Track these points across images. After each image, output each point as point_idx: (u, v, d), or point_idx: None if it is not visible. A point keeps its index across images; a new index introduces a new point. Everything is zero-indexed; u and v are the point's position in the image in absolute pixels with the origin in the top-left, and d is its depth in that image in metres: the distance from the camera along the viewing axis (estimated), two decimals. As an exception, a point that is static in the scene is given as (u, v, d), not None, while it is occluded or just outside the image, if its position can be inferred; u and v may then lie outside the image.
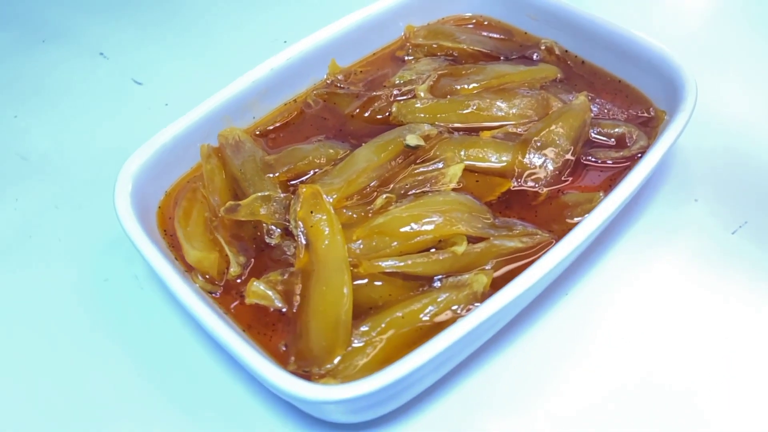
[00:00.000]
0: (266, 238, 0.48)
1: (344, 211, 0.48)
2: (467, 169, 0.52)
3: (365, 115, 0.57)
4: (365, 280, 0.45)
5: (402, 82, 0.59)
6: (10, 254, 0.55)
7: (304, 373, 0.41)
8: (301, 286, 0.45)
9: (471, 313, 0.40)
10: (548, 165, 0.52)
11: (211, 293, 0.45)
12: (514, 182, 0.52)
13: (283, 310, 0.44)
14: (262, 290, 0.44)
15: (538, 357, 0.47)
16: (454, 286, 0.45)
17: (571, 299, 0.51)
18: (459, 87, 0.58)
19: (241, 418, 0.44)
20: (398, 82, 0.59)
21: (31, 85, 0.70)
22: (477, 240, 0.47)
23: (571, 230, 0.44)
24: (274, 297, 0.44)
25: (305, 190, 0.47)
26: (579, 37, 0.61)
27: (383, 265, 0.45)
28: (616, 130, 0.55)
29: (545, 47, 0.62)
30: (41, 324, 0.50)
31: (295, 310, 0.44)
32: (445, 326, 0.39)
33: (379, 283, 0.45)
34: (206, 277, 0.45)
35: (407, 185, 0.50)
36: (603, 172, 0.53)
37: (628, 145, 0.54)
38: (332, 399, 0.36)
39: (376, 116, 0.57)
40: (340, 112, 0.58)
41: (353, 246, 0.46)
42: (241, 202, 0.48)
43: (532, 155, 0.52)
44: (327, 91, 0.59)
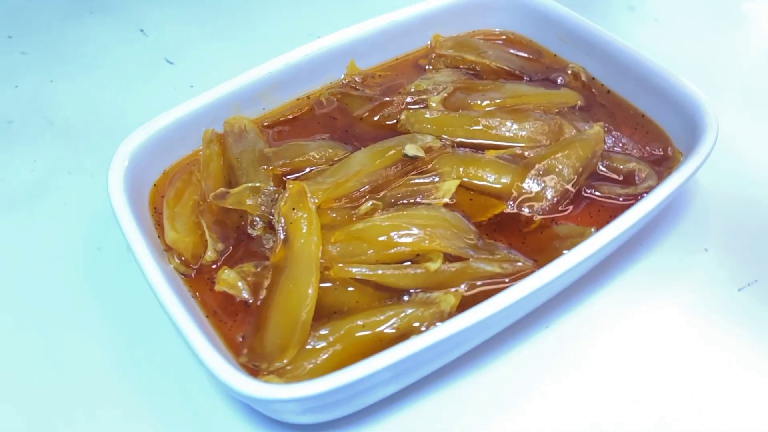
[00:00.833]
0: (249, 228, 0.48)
1: (329, 212, 0.48)
2: (463, 186, 0.51)
3: (374, 119, 0.57)
4: (336, 284, 0.45)
5: (417, 90, 0.58)
6: (16, 212, 0.57)
7: (254, 367, 0.41)
8: (270, 280, 0.45)
9: (426, 332, 0.39)
10: (547, 193, 0.50)
11: (183, 275, 0.46)
12: (508, 205, 0.50)
13: (249, 302, 0.44)
14: (232, 279, 0.45)
15: (507, 385, 0.46)
16: (423, 303, 0.44)
17: (551, 333, 0.49)
18: (473, 102, 0.57)
19: (205, 404, 0.45)
20: (413, 90, 0.58)
21: (71, 53, 0.73)
22: (455, 259, 0.46)
23: (550, 262, 0.42)
24: (243, 288, 0.45)
25: (292, 186, 0.47)
26: (608, 66, 0.59)
27: (353, 271, 0.44)
28: (627, 165, 0.53)
29: (572, 72, 0.60)
30: (29, 282, 0.52)
31: (259, 303, 0.44)
32: (404, 340, 0.39)
33: (351, 288, 0.45)
34: (182, 259, 0.46)
35: (399, 194, 0.50)
36: (604, 207, 0.51)
37: (636, 182, 0.52)
38: (260, 396, 0.36)
39: (385, 122, 0.56)
40: (349, 114, 0.58)
41: (331, 248, 0.46)
42: (231, 190, 0.49)
43: (532, 181, 0.51)
44: (341, 91, 0.59)
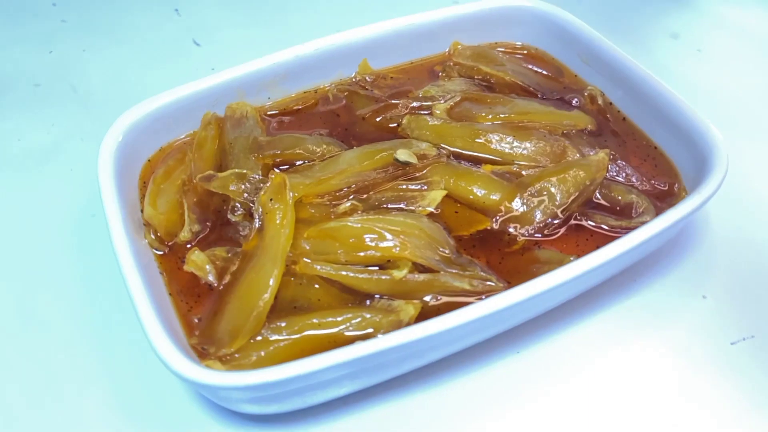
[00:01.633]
0: (229, 214, 0.48)
1: (309, 207, 0.48)
2: (451, 198, 0.50)
3: (376, 120, 0.56)
4: (302, 279, 0.44)
5: (424, 96, 0.57)
6: (26, 171, 0.59)
7: (203, 350, 0.41)
8: (237, 266, 0.45)
9: (373, 339, 0.38)
10: (536, 215, 0.49)
11: (156, 251, 0.46)
12: (493, 222, 0.49)
13: (214, 285, 0.45)
14: (200, 261, 0.45)
15: (469, 403, 0.45)
16: (383, 310, 0.43)
17: (522, 359, 0.48)
18: (478, 114, 0.55)
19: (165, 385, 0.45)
20: (420, 96, 0.58)
21: (107, 25, 0.75)
22: (426, 270, 0.45)
23: (516, 286, 0.41)
24: (210, 271, 0.45)
25: (274, 177, 0.47)
26: (627, 92, 0.57)
27: (317, 269, 0.44)
28: (626, 197, 0.50)
29: (589, 94, 0.58)
30: (21, 237, 0.54)
31: (221, 288, 0.44)
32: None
33: (316, 286, 0.44)
34: (157, 235, 0.46)
35: (384, 198, 0.49)
36: (593, 237, 0.49)
37: (632, 216, 0.49)
38: (191, 378, 0.36)
39: (387, 124, 0.56)
40: (354, 112, 0.57)
41: (304, 243, 0.46)
42: (219, 174, 0.49)
43: (522, 201, 0.49)
44: (349, 89, 0.59)
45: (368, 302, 0.44)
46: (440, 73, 0.61)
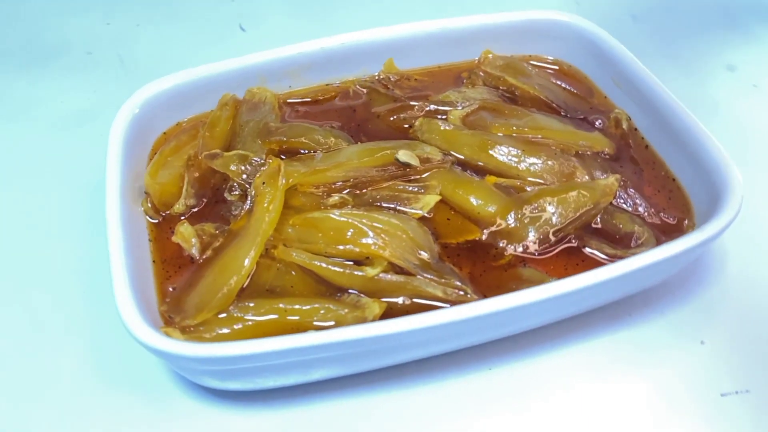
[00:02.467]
0: (226, 193, 0.50)
1: (301, 196, 0.48)
2: (446, 204, 0.49)
3: (390, 119, 0.56)
4: (280, 265, 0.45)
5: (443, 100, 0.57)
6: (61, 132, 0.63)
7: (169, 318, 0.42)
8: (220, 243, 0.46)
9: (332, 330, 0.39)
10: (529, 233, 0.48)
11: (151, 219, 0.48)
12: (483, 234, 0.48)
13: (195, 258, 0.46)
14: (187, 233, 0.46)
15: (431, 410, 0.45)
16: (351, 305, 0.43)
17: (494, 375, 0.47)
18: (493, 124, 0.54)
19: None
20: (438, 99, 0.57)
21: (164, 3, 0.78)
22: (403, 272, 0.45)
23: (482, 300, 0.40)
24: (194, 244, 0.46)
25: (271, 162, 0.48)
26: (654, 120, 0.54)
27: (293, 256, 0.45)
28: (628, 226, 0.48)
29: (614, 117, 0.56)
30: (41, 193, 0.57)
31: (200, 261, 0.46)
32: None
33: (293, 273, 0.45)
34: (153, 204, 0.48)
35: (379, 196, 0.49)
36: (584, 263, 0.47)
37: (631, 246, 0.47)
38: (141, 339, 0.37)
39: (400, 124, 0.56)
40: (370, 109, 0.57)
41: (289, 230, 0.46)
42: (224, 153, 0.51)
43: (517, 216, 0.48)
44: (370, 86, 0.59)
45: (339, 296, 0.44)
46: (464, 80, 0.60)
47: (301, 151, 0.53)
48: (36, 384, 0.45)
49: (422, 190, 0.50)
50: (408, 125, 0.55)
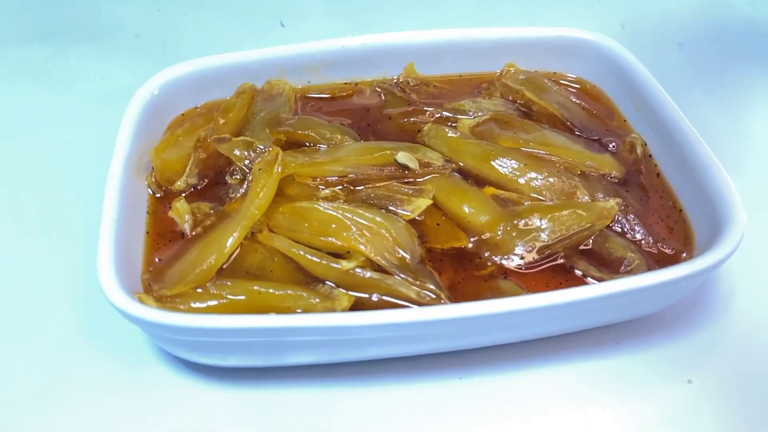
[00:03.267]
0: (227, 176, 0.51)
1: (296, 186, 0.50)
2: (439, 210, 0.50)
3: (401, 121, 0.57)
4: (264, 250, 0.46)
5: (455, 108, 0.57)
6: (98, 107, 0.66)
7: (149, 286, 0.44)
8: (211, 222, 0.48)
9: (289, 315, 0.39)
10: (516, 247, 0.47)
11: (153, 192, 0.51)
12: (470, 243, 0.48)
13: (186, 234, 0.48)
14: (182, 210, 0.48)
15: (397, 411, 0.45)
16: (324, 295, 0.44)
17: (464, 385, 0.46)
18: (501, 136, 0.54)
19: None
20: (451, 107, 0.57)
21: (212, -1, 0.82)
22: (380, 270, 0.45)
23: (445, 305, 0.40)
24: (187, 220, 0.48)
25: (271, 150, 0.50)
26: (669, 148, 0.53)
27: (276, 242, 0.46)
28: (620, 252, 0.47)
29: (629, 141, 0.55)
30: (67, 155, 0.61)
31: (190, 237, 0.47)
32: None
33: (275, 259, 0.46)
34: (156, 178, 0.50)
35: (373, 195, 0.50)
36: (567, 282, 0.46)
37: (620, 271, 0.46)
38: (114, 302, 0.39)
39: (410, 128, 0.56)
40: (383, 110, 0.58)
41: (280, 216, 0.47)
42: (232, 138, 0.52)
43: (506, 229, 0.47)
44: (388, 88, 0.60)
45: (315, 285, 0.45)
46: (482, 90, 0.60)
47: (307, 144, 0.54)
48: (23, 336, 0.48)
49: (416, 193, 0.50)
50: (418, 129, 0.56)
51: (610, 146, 0.55)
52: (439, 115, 0.56)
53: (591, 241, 0.48)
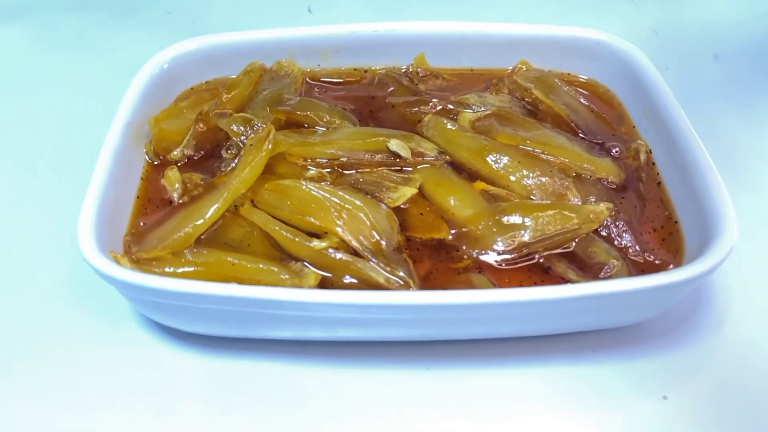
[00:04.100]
0: (223, 150, 0.52)
1: (286, 165, 0.50)
2: (425, 200, 0.49)
3: (404, 110, 0.57)
4: (246, 224, 0.47)
5: (460, 101, 0.57)
6: (123, 77, 0.68)
7: (128, 247, 0.45)
8: (198, 193, 0.49)
9: (256, 287, 0.40)
10: (495, 243, 0.46)
11: (151, 160, 0.52)
12: (450, 235, 0.47)
13: (173, 202, 0.49)
14: (174, 178, 0.49)
15: (363, 396, 0.45)
16: (294, 272, 0.44)
17: (430, 376, 0.46)
18: (499, 132, 0.53)
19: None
20: (456, 100, 0.57)
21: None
22: (355, 253, 0.45)
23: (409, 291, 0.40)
24: (177, 189, 0.49)
25: (265, 127, 0.50)
26: (673, 158, 0.51)
27: (255, 216, 0.46)
28: (603, 257, 0.46)
29: (634, 147, 0.53)
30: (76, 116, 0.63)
31: (176, 205, 0.49)
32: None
33: (255, 233, 0.47)
34: (153, 146, 0.52)
35: (362, 180, 0.50)
36: (543, 282, 0.45)
37: (599, 277, 0.45)
38: (88, 259, 0.40)
39: (412, 118, 0.56)
40: (385, 98, 0.58)
41: (266, 193, 0.48)
42: (233, 114, 0.53)
43: (488, 226, 0.47)
44: (395, 77, 0.60)
45: (287, 263, 0.45)
46: (490, 86, 0.59)
47: (305, 125, 0.54)
48: (13, 287, 0.50)
49: (404, 182, 0.50)
50: (418, 120, 0.56)
51: (613, 151, 0.54)
52: (441, 107, 0.56)
53: (574, 243, 0.47)
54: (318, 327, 0.44)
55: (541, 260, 0.46)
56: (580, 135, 0.55)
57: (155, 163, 0.52)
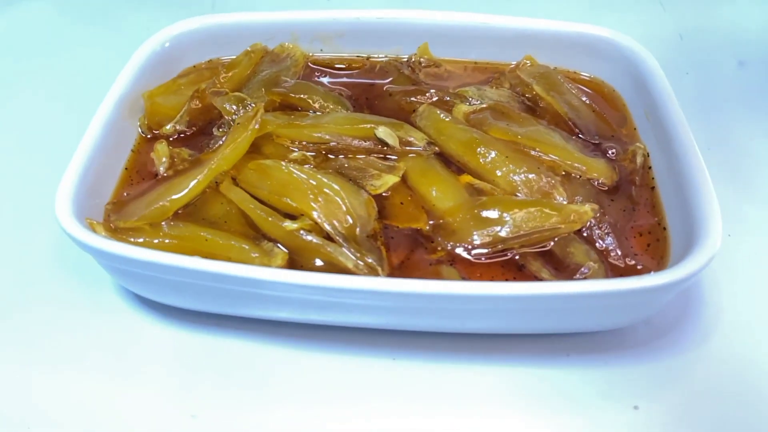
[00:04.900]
0: (215, 128, 0.53)
1: (272, 146, 0.50)
2: (408, 189, 0.49)
3: (400, 99, 0.56)
4: (225, 201, 0.47)
5: (457, 93, 0.56)
6: (124, 47, 0.68)
7: (108, 216, 0.46)
8: (183, 167, 0.49)
9: (214, 262, 0.40)
10: (472, 237, 0.46)
11: (143, 133, 0.53)
12: (428, 226, 0.47)
13: (159, 175, 0.50)
14: (162, 152, 0.50)
15: (322, 378, 0.45)
16: (265, 252, 0.44)
17: (396, 366, 0.46)
18: (492, 126, 0.52)
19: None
20: (454, 92, 0.56)
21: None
22: (327, 237, 0.45)
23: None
24: (164, 162, 0.50)
25: (254, 107, 0.51)
26: (669, 164, 0.49)
27: (232, 194, 0.47)
28: (580, 258, 0.44)
29: (631, 150, 0.52)
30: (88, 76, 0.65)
31: (160, 178, 0.49)
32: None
33: (234, 211, 0.47)
34: (147, 120, 0.53)
35: (347, 165, 0.50)
36: (515, 280, 0.44)
37: (574, 278, 0.44)
38: (62, 224, 0.41)
39: (408, 107, 0.55)
40: (384, 87, 0.58)
41: (250, 172, 0.48)
42: (228, 92, 0.54)
43: (465, 219, 0.46)
44: (396, 65, 0.59)
45: (259, 242, 0.45)
46: (491, 80, 0.58)
47: (299, 108, 0.54)
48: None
49: (388, 170, 0.49)
50: (413, 109, 0.55)
51: (610, 152, 0.52)
52: (438, 98, 0.55)
53: (552, 242, 0.45)
54: (282, 308, 0.44)
55: (516, 257, 0.45)
56: (578, 134, 0.53)
57: (148, 136, 0.53)
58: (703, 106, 0.66)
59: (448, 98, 0.55)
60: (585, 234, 0.46)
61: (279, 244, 0.45)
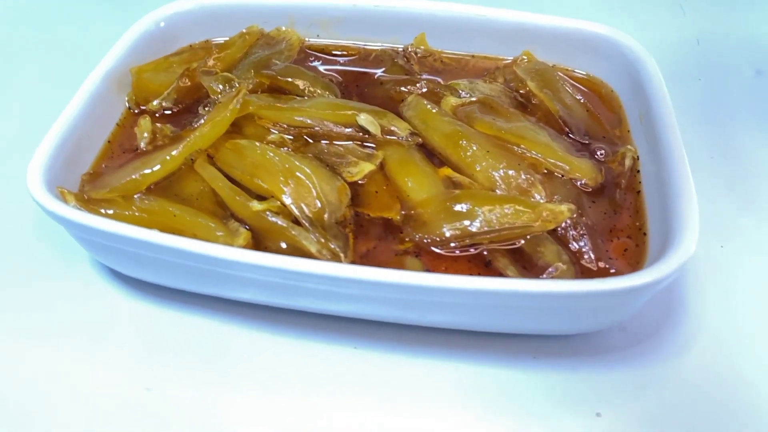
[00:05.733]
0: (200, 106, 0.53)
1: (253, 127, 0.50)
2: (384, 178, 0.48)
3: (390, 88, 0.55)
4: (199, 179, 0.47)
5: (448, 86, 0.55)
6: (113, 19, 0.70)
7: (83, 186, 0.47)
8: (162, 143, 0.49)
9: (173, 237, 0.40)
10: (441, 230, 0.45)
11: (131, 108, 0.53)
12: (399, 216, 0.46)
13: (139, 149, 0.50)
14: (144, 127, 0.51)
15: (282, 360, 0.45)
16: (230, 231, 0.44)
17: (358, 356, 0.45)
18: (478, 119, 0.51)
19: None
20: (445, 84, 0.55)
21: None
22: (295, 221, 0.44)
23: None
24: (145, 138, 0.50)
25: (238, 86, 0.51)
26: (657, 169, 0.47)
27: (204, 172, 0.47)
28: (549, 258, 0.43)
29: (621, 152, 0.50)
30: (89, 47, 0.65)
31: (139, 152, 0.50)
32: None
33: (207, 190, 0.47)
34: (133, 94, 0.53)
35: (326, 151, 0.49)
36: (481, 275, 0.43)
37: (540, 277, 0.42)
38: (33, 195, 0.42)
39: (397, 97, 0.55)
40: (375, 75, 0.57)
41: (226, 151, 0.48)
42: (218, 72, 0.54)
43: (436, 211, 0.45)
44: (390, 55, 0.58)
45: (227, 221, 0.45)
46: (486, 74, 0.57)
47: (287, 92, 0.54)
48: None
49: (366, 158, 0.49)
50: (402, 99, 0.54)
51: (598, 153, 0.50)
52: (427, 89, 0.54)
53: (523, 240, 0.44)
54: (244, 289, 0.44)
55: (484, 253, 0.44)
56: (567, 133, 0.52)
57: (135, 111, 0.54)
58: (711, 114, 0.63)
59: (439, 90, 0.55)
60: (560, 234, 0.45)
61: (246, 225, 0.45)
